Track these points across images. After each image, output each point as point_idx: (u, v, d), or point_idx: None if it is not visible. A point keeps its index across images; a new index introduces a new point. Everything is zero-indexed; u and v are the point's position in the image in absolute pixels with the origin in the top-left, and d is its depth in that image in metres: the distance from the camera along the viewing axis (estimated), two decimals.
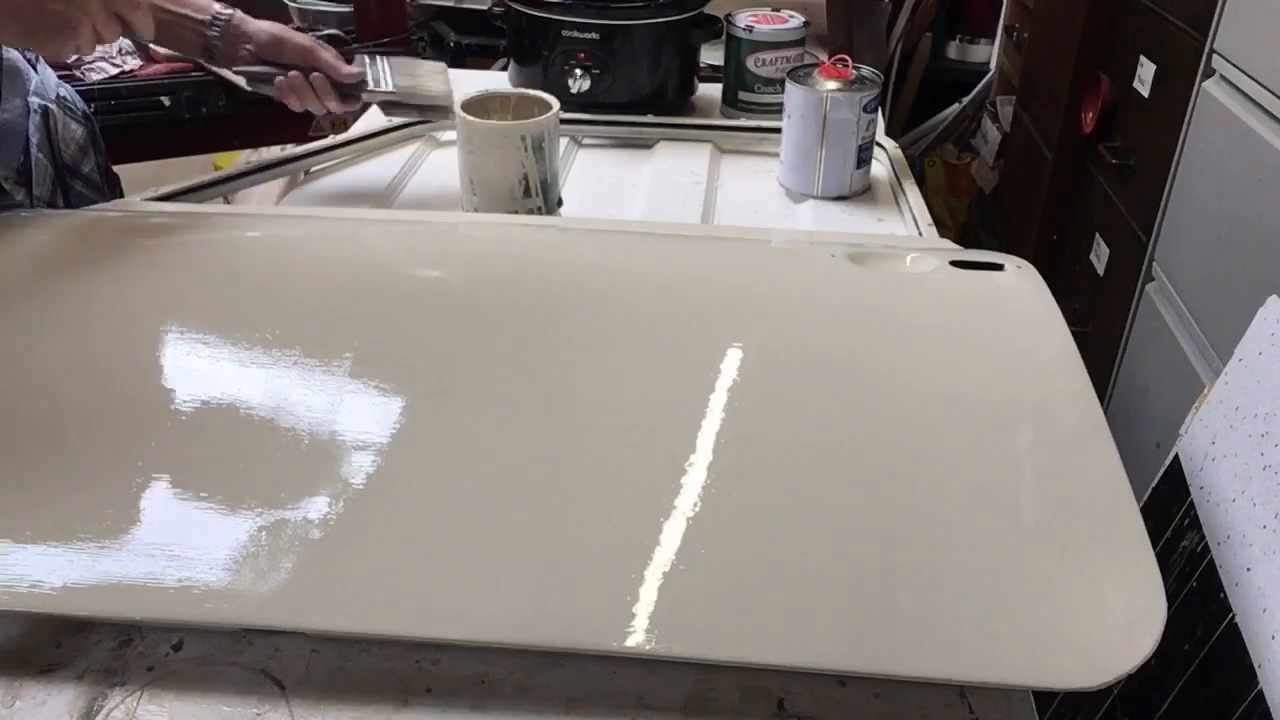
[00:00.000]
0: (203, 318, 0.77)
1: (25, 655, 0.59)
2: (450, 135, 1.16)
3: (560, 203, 1.10)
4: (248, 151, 2.03)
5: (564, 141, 1.29)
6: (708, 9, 1.37)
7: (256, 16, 1.08)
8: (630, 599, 0.56)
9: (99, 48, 1.01)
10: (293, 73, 1.06)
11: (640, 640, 0.54)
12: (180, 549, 0.59)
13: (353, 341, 0.75)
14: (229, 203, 1.30)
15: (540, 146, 1.02)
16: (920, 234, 1.05)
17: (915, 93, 2.79)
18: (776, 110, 1.22)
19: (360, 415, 0.68)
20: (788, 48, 1.35)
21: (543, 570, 0.58)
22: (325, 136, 1.26)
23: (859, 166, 1.16)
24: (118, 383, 0.71)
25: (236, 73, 1.09)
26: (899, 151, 1.25)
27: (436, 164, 1.25)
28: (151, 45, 1.86)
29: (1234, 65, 1.19)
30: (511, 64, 1.42)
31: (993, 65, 2.59)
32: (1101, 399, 1.16)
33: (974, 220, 2.51)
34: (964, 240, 2.12)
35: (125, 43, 1.83)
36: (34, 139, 1.03)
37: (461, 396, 0.71)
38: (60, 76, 1.28)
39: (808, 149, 1.15)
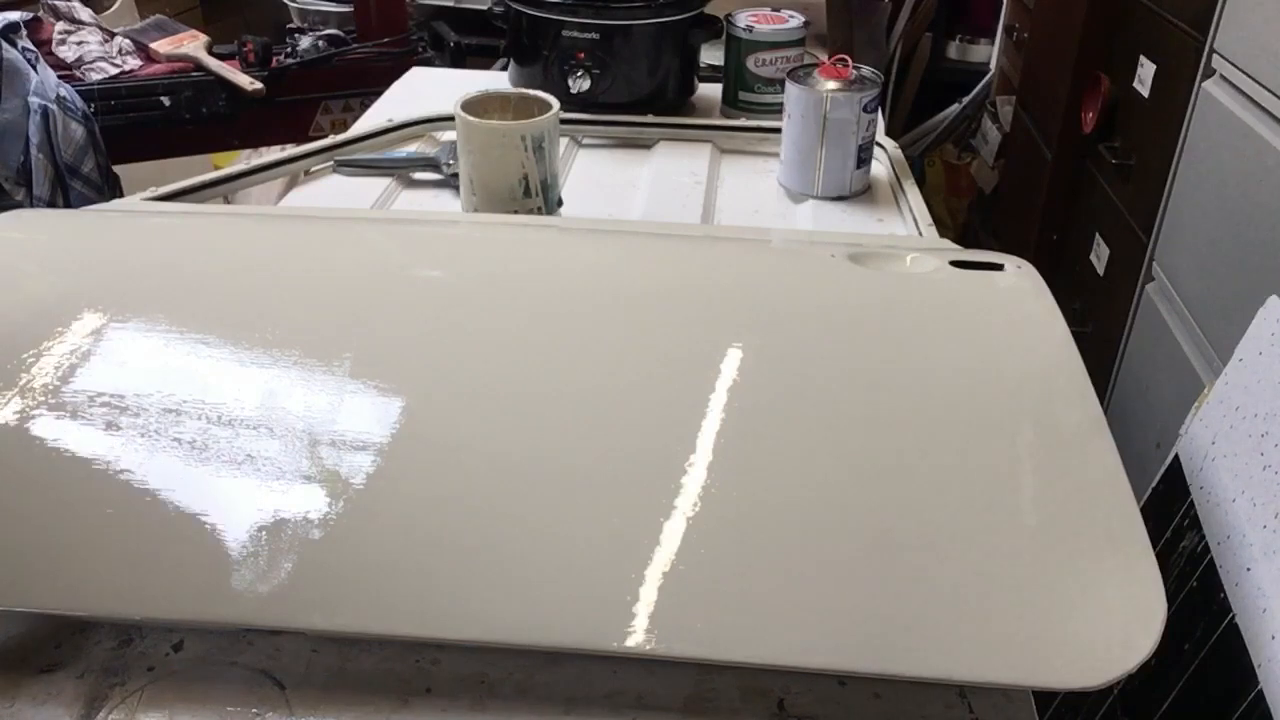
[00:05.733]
0: (202, 317, 0.77)
1: (25, 655, 0.59)
2: (450, 135, 1.16)
3: (560, 203, 1.10)
4: (248, 151, 2.03)
5: (564, 141, 1.28)
6: (708, 9, 1.37)
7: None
8: (630, 599, 0.56)
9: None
10: None
11: (640, 640, 0.54)
12: (180, 549, 0.59)
13: (352, 341, 0.75)
14: (229, 203, 1.30)
15: (540, 146, 1.02)
16: (920, 234, 1.05)
17: (915, 93, 2.79)
18: (776, 110, 1.22)
19: (360, 415, 0.68)
20: (788, 48, 1.35)
21: (543, 570, 0.58)
22: (325, 136, 1.26)
23: (859, 166, 1.16)
24: (116, 382, 0.70)
25: None
26: (899, 151, 1.25)
27: None
28: (151, 45, 1.86)
29: (1234, 65, 1.19)
30: (511, 64, 1.42)
31: (993, 65, 2.59)
32: (1101, 399, 1.16)
33: (974, 220, 2.51)
34: (964, 240, 2.12)
35: (125, 42, 1.83)
36: (34, 139, 1.03)
37: (461, 396, 0.71)
38: (60, 76, 1.28)
39: (808, 149, 1.15)
